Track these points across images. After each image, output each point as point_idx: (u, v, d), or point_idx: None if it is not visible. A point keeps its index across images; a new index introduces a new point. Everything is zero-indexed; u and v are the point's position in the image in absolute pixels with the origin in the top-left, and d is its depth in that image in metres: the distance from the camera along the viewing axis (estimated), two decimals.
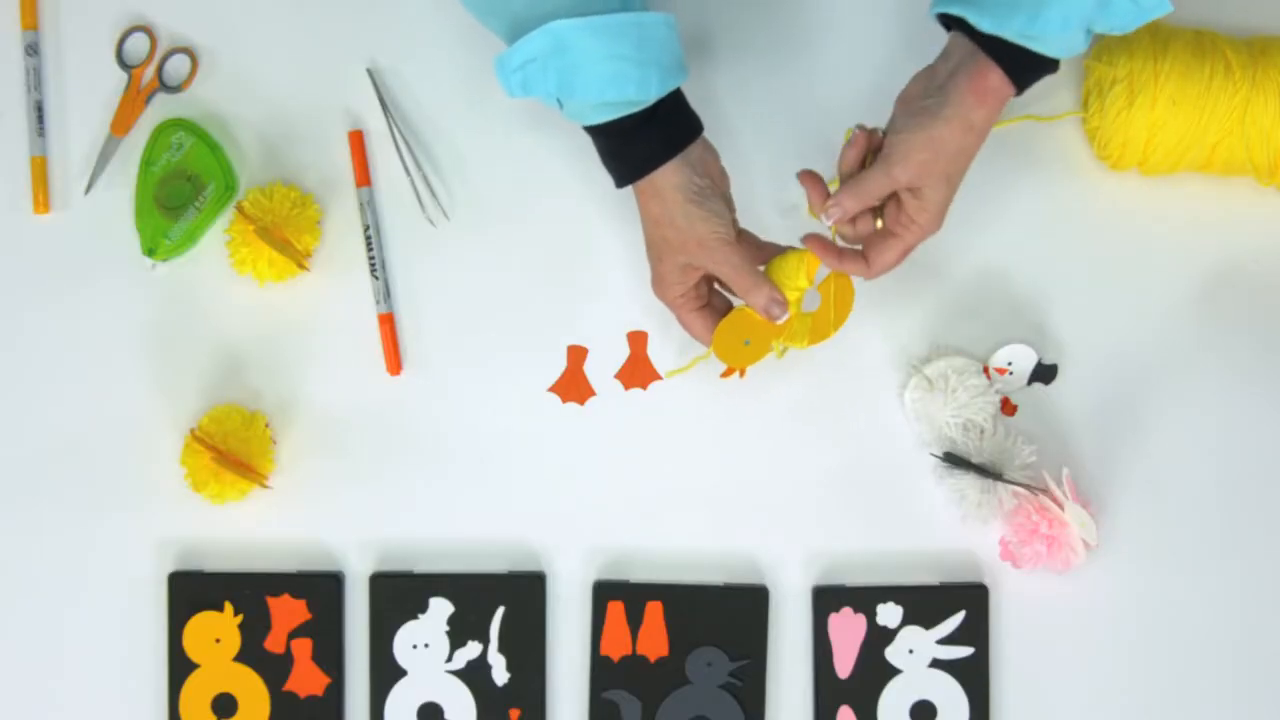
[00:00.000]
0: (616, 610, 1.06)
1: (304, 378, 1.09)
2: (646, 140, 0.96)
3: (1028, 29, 0.92)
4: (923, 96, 0.95)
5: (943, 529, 1.07)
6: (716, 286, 1.03)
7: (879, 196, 0.97)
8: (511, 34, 0.93)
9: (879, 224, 0.98)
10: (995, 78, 0.94)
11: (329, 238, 1.11)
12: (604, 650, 1.06)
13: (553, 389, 1.09)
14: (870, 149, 0.98)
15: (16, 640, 1.08)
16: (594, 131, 0.96)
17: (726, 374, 1.06)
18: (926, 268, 1.04)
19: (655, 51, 0.93)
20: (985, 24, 0.93)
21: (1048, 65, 0.95)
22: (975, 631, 1.06)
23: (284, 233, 1.07)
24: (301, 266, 1.09)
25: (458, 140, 1.11)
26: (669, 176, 0.96)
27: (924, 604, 1.06)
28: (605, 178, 1.09)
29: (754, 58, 1.11)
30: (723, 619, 1.06)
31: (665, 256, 0.99)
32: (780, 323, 0.99)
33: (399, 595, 1.06)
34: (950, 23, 0.97)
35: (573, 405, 1.09)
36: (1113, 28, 0.93)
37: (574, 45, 0.90)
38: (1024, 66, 0.94)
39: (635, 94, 0.93)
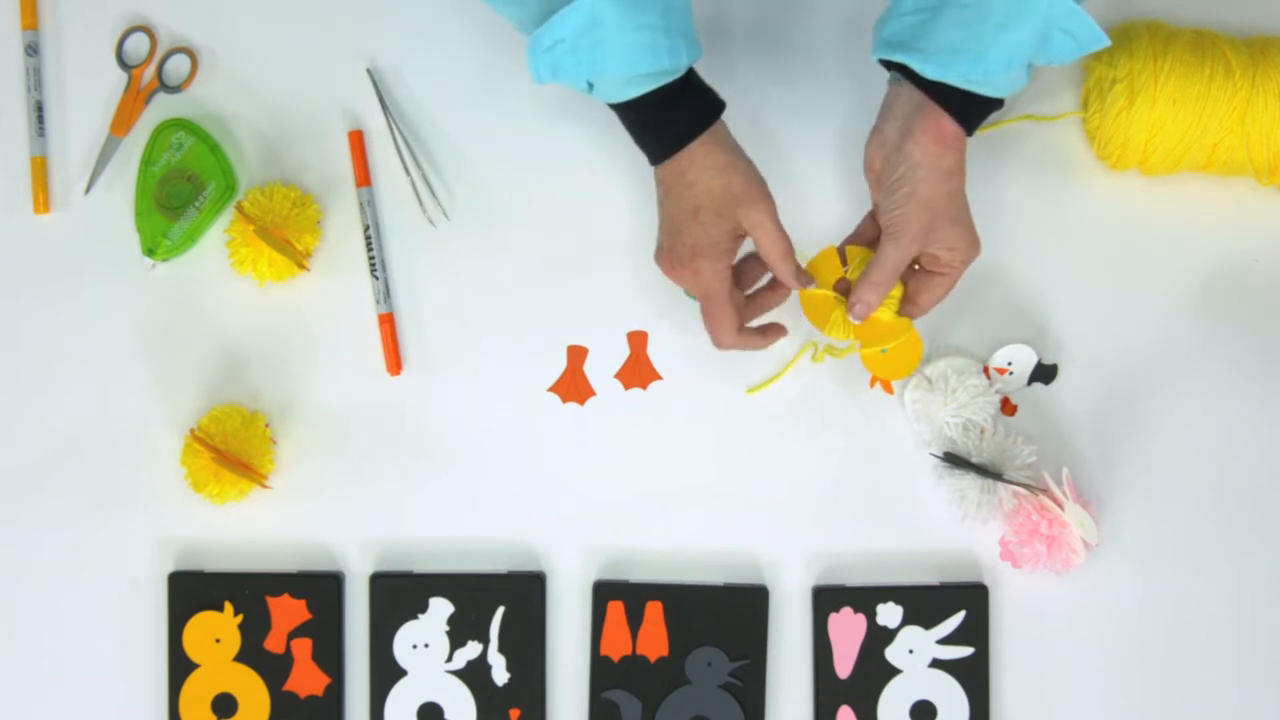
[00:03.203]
0: (616, 610, 1.06)
1: (304, 378, 1.09)
2: (690, 104, 0.96)
3: (971, 73, 0.93)
4: (891, 170, 0.96)
5: (943, 529, 1.07)
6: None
7: (894, 275, 0.98)
8: (541, 15, 0.92)
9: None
10: (949, 123, 0.95)
11: (329, 238, 1.11)
12: (604, 650, 1.06)
13: (553, 389, 1.09)
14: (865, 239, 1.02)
15: (16, 640, 1.08)
16: (628, 107, 0.96)
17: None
18: None
19: (679, 21, 0.93)
20: (930, 71, 0.94)
21: (993, 104, 0.96)
22: (975, 631, 1.06)
23: (284, 233, 1.07)
24: (301, 266, 1.09)
25: (458, 140, 1.11)
26: (724, 126, 0.97)
27: (924, 604, 1.06)
28: (606, 178, 1.10)
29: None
30: (723, 619, 1.06)
31: (725, 212, 0.97)
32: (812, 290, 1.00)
33: (399, 595, 1.07)
34: (891, 65, 0.97)
35: (573, 405, 1.09)
36: (1053, 61, 0.94)
37: (606, 18, 0.90)
38: (970, 109, 0.96)
39: (668, 63, 0.93)
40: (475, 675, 1.06)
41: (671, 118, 0.96)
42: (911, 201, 0.96)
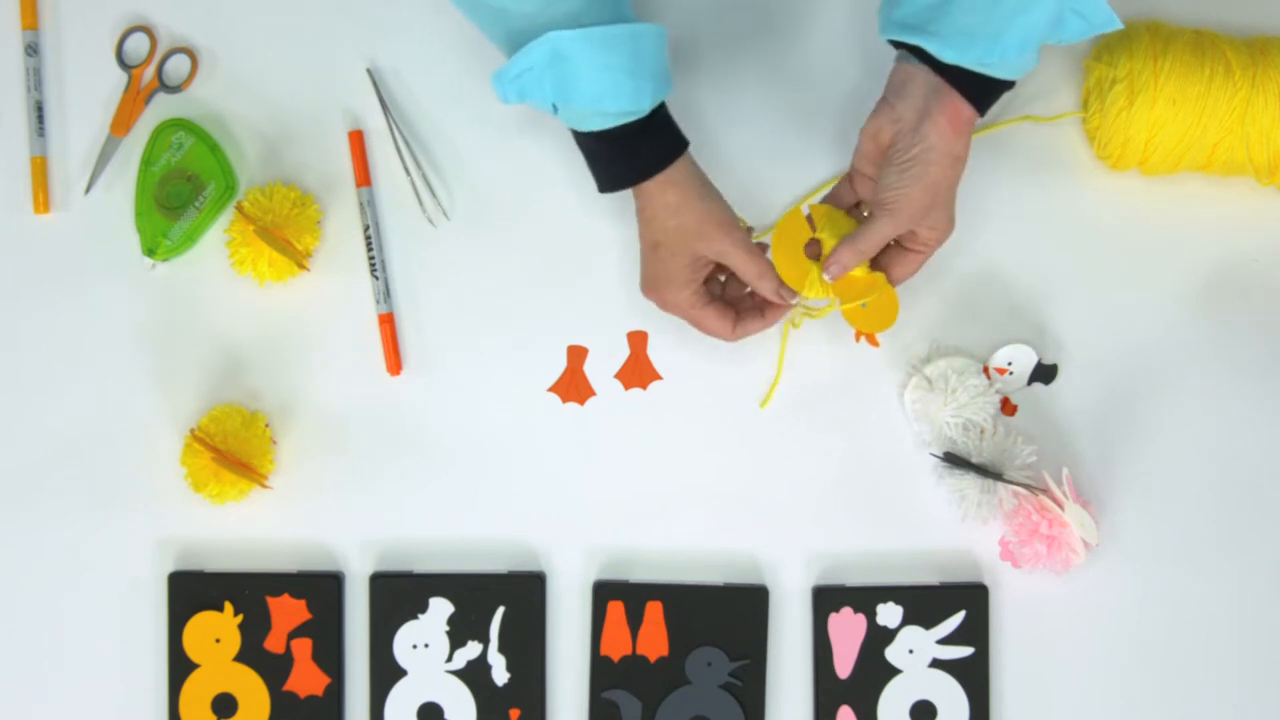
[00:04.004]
0: (616, 610, 1.06)
1: (304, 378, 1.09)
2: (651, 143, 0.97)
3: (987, 57, 0.94)
4: (904, 149, 0.97)
5: (943, 529, 1.07)
6: (723, 281, 1.04)
7: (880, 247, 1.00)
8: (509, 43, 0.94)
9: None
10: (965, 108, 0.96)
11: (329, 238, 1.11)
12: (604, 650, 1.06)
13: (553, 389, 1.09)
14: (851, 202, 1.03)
15: (16, 640, 1.08)
16: (590, 138, 0.97)
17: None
18: (927, 268, 1.03)
19: (648, 63, 0.94)
20: (947, 55, 0.95)
21: (1004, 85, 0.97)
22: (975, 631, 1.06)
23: (284, 233, 1.07)
24: (301, 266, 1.09)
25: (458, 140, 1.11)
26: (684, 165, 0.98)
27: (924, 604, 1.06)
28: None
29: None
30: (723, 619, 1.06)
31: (679, 250, 0.99)
32: (791, 303, 1.01)
33: (399, 595, 1.07)
34: (900, 45, 0.98)
35: (573, 405, 1.09)
36: (1063, 41, 0.95)
37: (572, 56, 0.91)
38: (984, 91, 0.96)
39: (629, 105, 0.94)
40: (475, 675, 1.06)
41: (629, 154, 0.97)
42: (920, 182, 0.97)
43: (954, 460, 1.05)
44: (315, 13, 1.13)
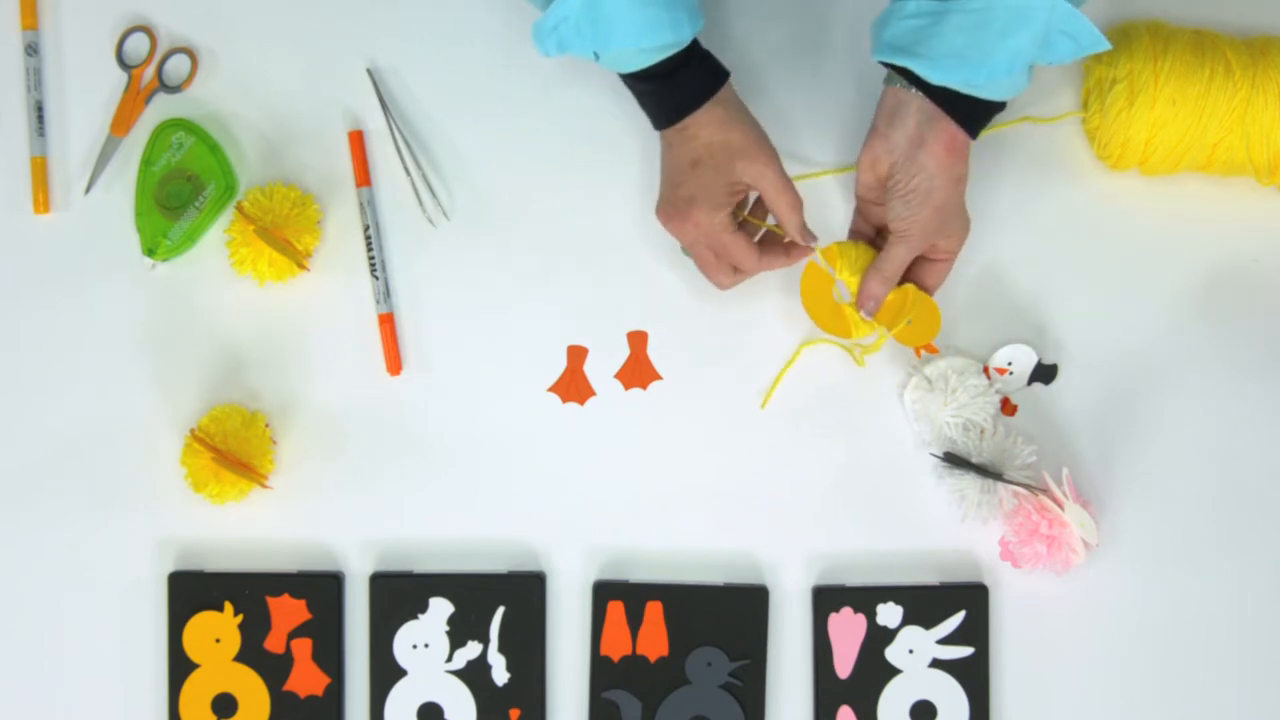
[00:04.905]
0: (616, 610, 1.06)
1: (304, 378, 1.09)
2: (694, 74, 0.97)
3: (974, 79, 0.95)
4: (904, 178, 0.98)
5: (943, 529, 1.07)
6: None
7: (902, 271, 1.02)
8: None
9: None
10: (959, 134, 0.97)
11: (329, 238, 1.11)
12: (604, 650, 1.06)
13: (553, 389, 1.09)
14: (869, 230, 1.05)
15: (17, 640, 1.08)
16: (634, 77, 0.97)
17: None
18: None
19: None
20: (935, 76, 0.95)
21: (995, 107, 0.98)
22: (975, 631, 1.06)
23: (284, 233, 1.07)
24: (301, 266, 1.09)
25: (458, 140, 1.11)
26: (730, 90, 0.99)
27: (924, 604, 1.06)
28: (606, 177, 1.10)
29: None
30: (723, 619, 1.06)
31: (723, 166, 0.98)
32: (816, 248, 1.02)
33: (399, 595, 1.06)
34: (890, 66, 0.98)
35: (573, 405, 1.09)
36: (1053, 62, 0.96)
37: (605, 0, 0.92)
38: (976, 113, 0.97)
39: (671, 37, 0.94)
40: (475, 675, 1.06)
41: (676, 87, 0.97)
42: (926, 207, 0.98)
43: (954, 460, 1.05)
44: (315, 13, 1.13)
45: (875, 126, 0.99)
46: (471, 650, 1.06)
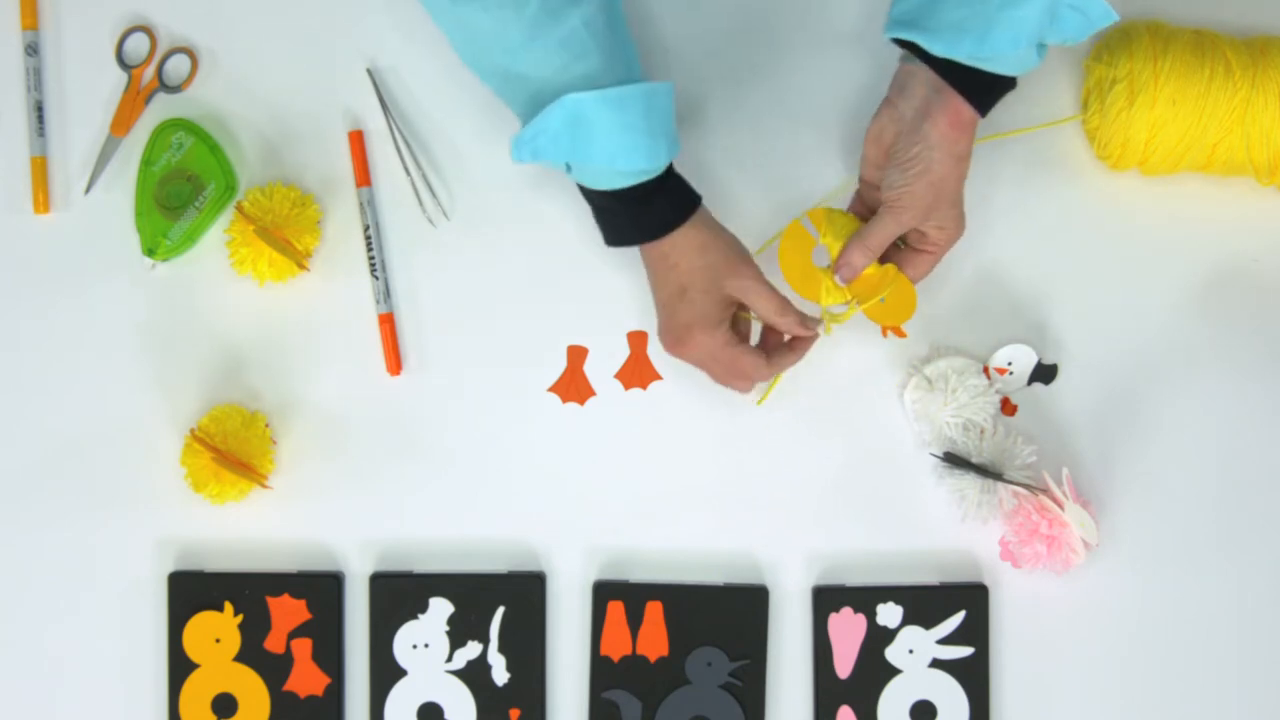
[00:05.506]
0: (616, 610, 1.06)
1: (304, 378, 1.09)
2: (665, 200, 0.98)
3: (978, 51, 0.94)
4: (905, 148, 0.98)
5: (943, 529, 1.07)
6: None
7: (887, 244, 1.00)
8: (529, 107, 0.94)
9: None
10: (965, 108, 0.97)
11: (329, 238, 1.11)
12: (604, 650, 1.06)
13: (553, 389, 1.09)
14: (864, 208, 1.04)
15: (17, 640, 1.08)
16: (604, 195, 0.97)
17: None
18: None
19: (660, 121, 0.95)
20: (937, 48, 0.95)
21: (1005, 84, 0.98)
22: (975, 631, 1.06)
23: (284, 233, 1.07)
24: (301, 266, 1.09)
25: (458, 140, 1.11)
26: (703, 212, 0.99)
27: (924, 604, 1.06)
28: None
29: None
30: (723, 619, 1.06)
31: (710, 288, 0.99)
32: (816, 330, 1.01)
33: (399, 595, 1.07)
34: (902, 44, 0.98)
35: (573, 405, 1.09)
36: (1064, 40, 0.95)
37: (590, 117, 0.92)
38: (985, 89, 0.97)
39: (646, 163, 0.95)
40: (475, 675, 1.06)
41: (646, 211, 0.98)
42: (922, 180, 0.97)
43: (954, 460, 1.05)
44: (315, 13, 1.13)
45: (886, 98, 1.00)
46: (471, 650, 1.06)
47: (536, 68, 0.92)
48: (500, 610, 1.06)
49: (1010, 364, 1.09)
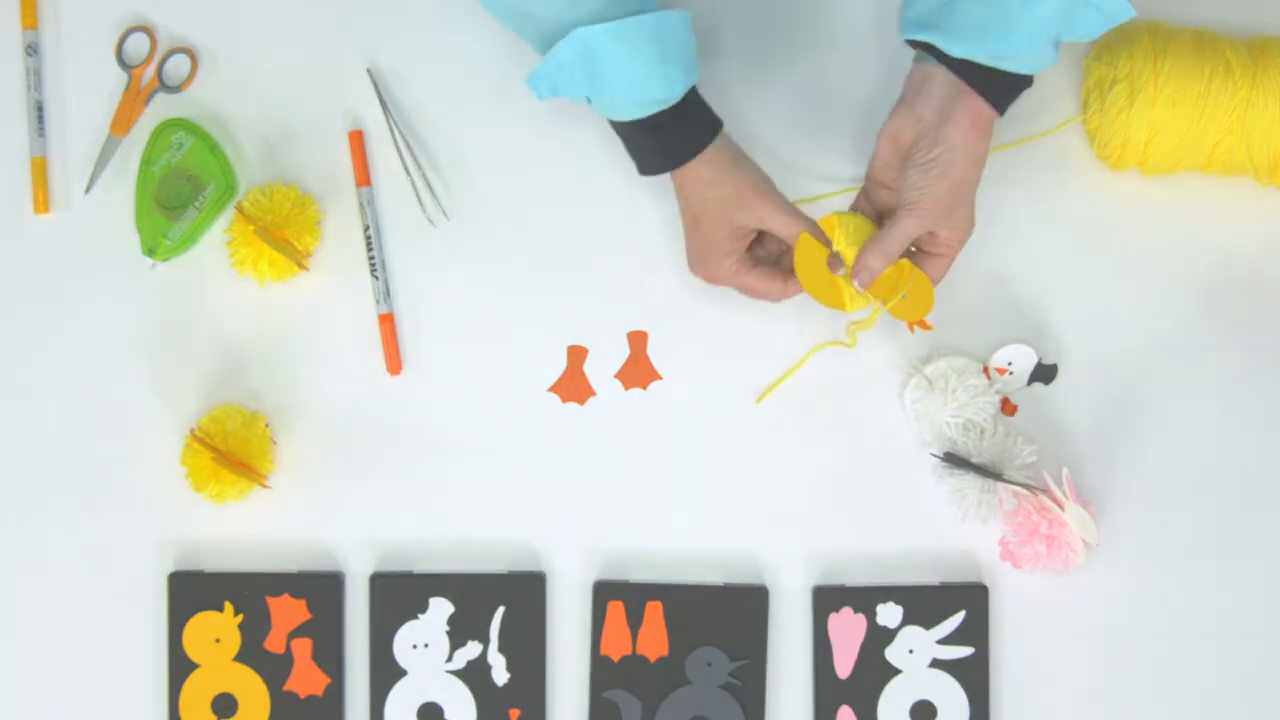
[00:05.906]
0: (616, 610, 1.06)
1: (304, 378, 1.09)
2: (684, 129, 0.98)
3: (998, 50, 0.94)
4: (926, 149, 0.97)
5: (943, 529, 1.07)
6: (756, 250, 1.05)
7: (905, 247, 1.00)
8: (541, 42, 0.95)
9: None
10: (986, 109, 0.97)
11: (329, 238, 1.11)
12: (604, 650, 1.06)
13: (553, 389, 1.09)
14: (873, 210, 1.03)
15: (17, 640, 1.08)
16: (626, 126, 0.98)
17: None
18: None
19: (675, 50, 0.95)
20: (957, 49, 0.95)
21: (1023, 82, 0.98)
22: (975, 631, 1.06)
23: (284, 233, 1.07)
24: (301, 266, 1.09)
25: (458, 140, 1.11)
26: (723, 141, 1.00)
27: (924, 604, 1.06)
28: (606, 177, 1.10)
29: (762, 51, 1.11)
30: (723, 619, 1.06)
31: (719, 221, 1.00)
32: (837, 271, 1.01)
33: (399, 595, 1.06)
34: (918, 45, 0.98)
35: (573, 405, 1.09)
36: (1080, 36, 0.95)
37: (600, 50, 0.93)
38: (1003, 88, 0.97)
39: (660, 93, 0.95)
40: (475, 675, 1.06)
41: (666, 140, 0.99)
42: (944, 182, 0.97)
43: (954, 460, 1.05)
44: (315, 13, 1.13)
45: (903, 98, 1.00)
46: (471, 650, 1.06)
47: (543, 5, 0.93)
48: (500, 610, 1.06)
49: (1010, 364, 1.09)
